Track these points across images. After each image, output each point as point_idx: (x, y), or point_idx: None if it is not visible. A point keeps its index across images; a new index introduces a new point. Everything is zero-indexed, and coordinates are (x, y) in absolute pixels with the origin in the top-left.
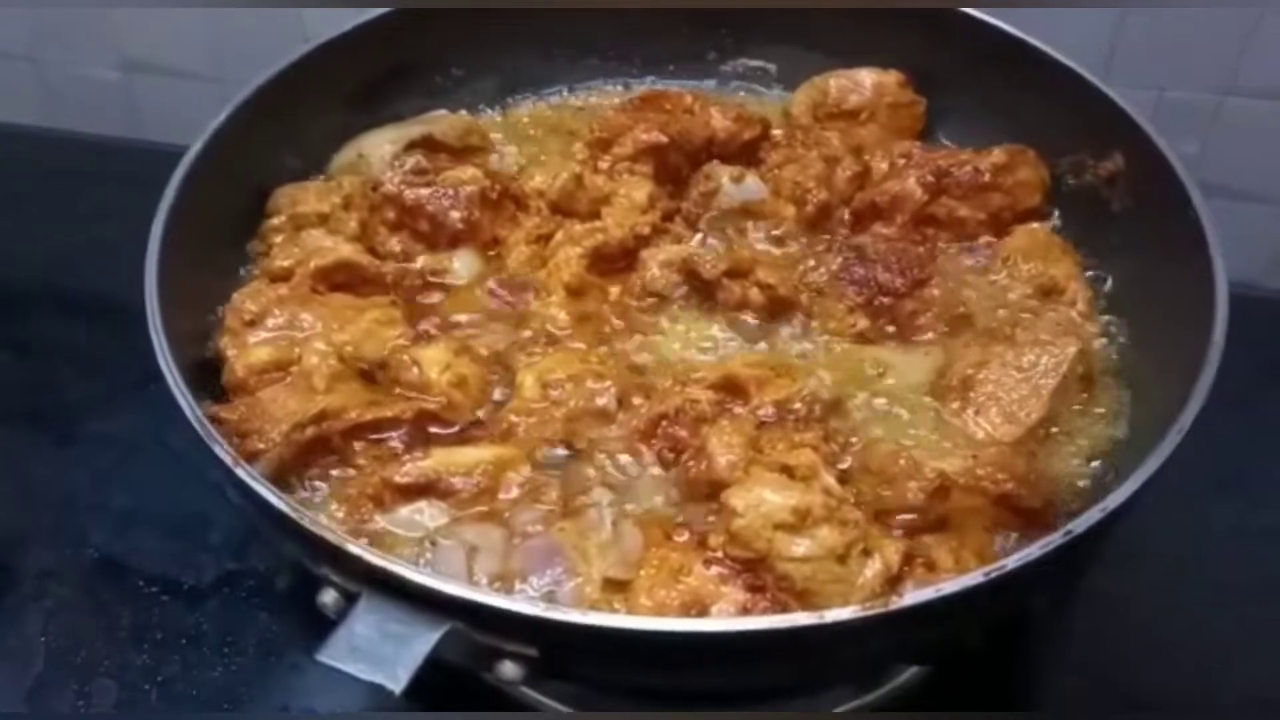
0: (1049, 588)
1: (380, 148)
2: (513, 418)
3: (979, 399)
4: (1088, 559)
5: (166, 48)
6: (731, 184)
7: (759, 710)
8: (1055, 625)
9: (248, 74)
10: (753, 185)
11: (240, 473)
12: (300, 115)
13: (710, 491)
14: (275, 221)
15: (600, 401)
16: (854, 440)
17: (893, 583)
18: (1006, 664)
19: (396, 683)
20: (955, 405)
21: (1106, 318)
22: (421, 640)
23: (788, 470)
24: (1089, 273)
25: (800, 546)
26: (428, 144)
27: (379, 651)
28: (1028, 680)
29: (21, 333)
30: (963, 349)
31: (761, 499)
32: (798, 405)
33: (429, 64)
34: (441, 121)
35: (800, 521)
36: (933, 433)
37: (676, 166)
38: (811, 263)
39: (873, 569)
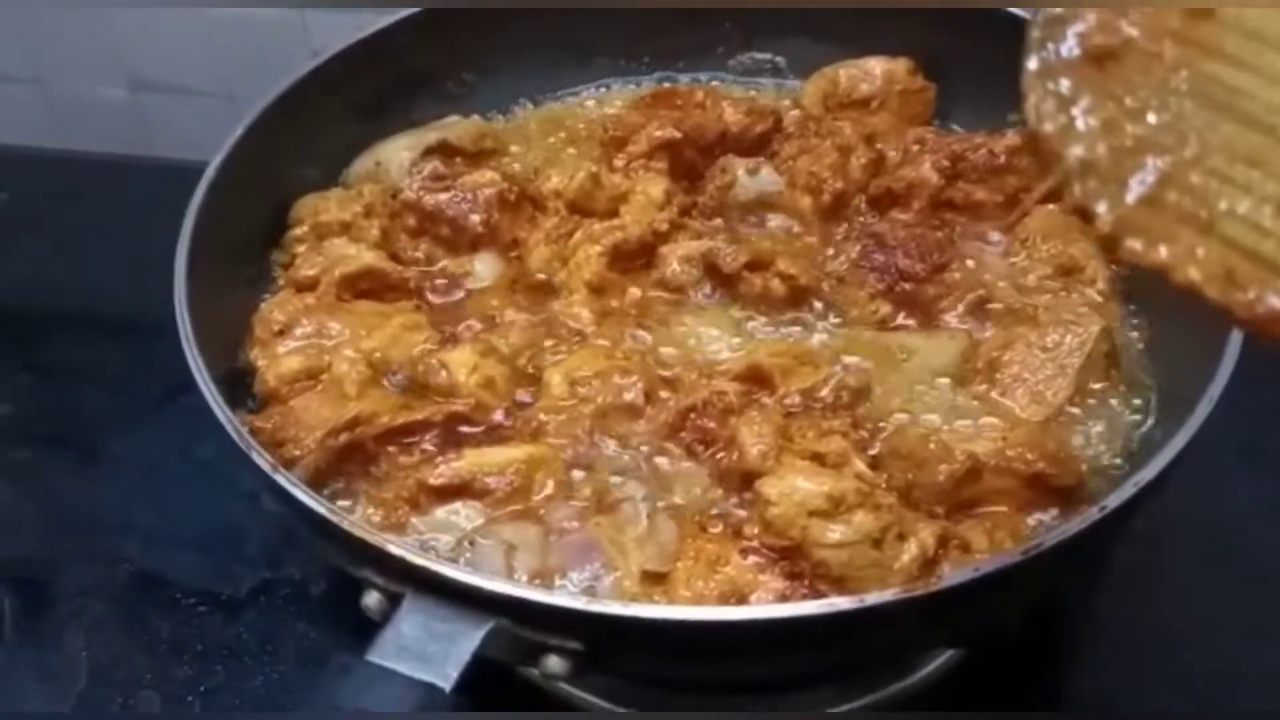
0: (1084, 564)
1: (398, 155)
2: (542, 416)
3: (1005, 381)
4: (1121, 534)
5: (173, 65)
6: (747, 176)
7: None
8: (1085, 601)
9: (256, 88)
10: (768, 177)
11: (280, 479)
12: (316, 126)
13: (743, 482)
14: (298, 232)
15: (628, 397)
16: (883, 426)
17: (930, 565)
18: (1037, 641)
19: (446, 680)
20: (982, 388)
21: (1130, 295)
22: (468, 638)
23: (819, 458)
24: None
25: (835, 533)
26: (444, 149)
27: (427, 650)
28: (1057, 657)
29: (42, 355)
30: (986, 332)
31: (795, 487)
32: (824, 393)
33: (441, 71)
34: (456, 126)
35: (834, 508)
36: (961, 416)
37: (691, 161)
38: (831, 251)
39: (909, 553)
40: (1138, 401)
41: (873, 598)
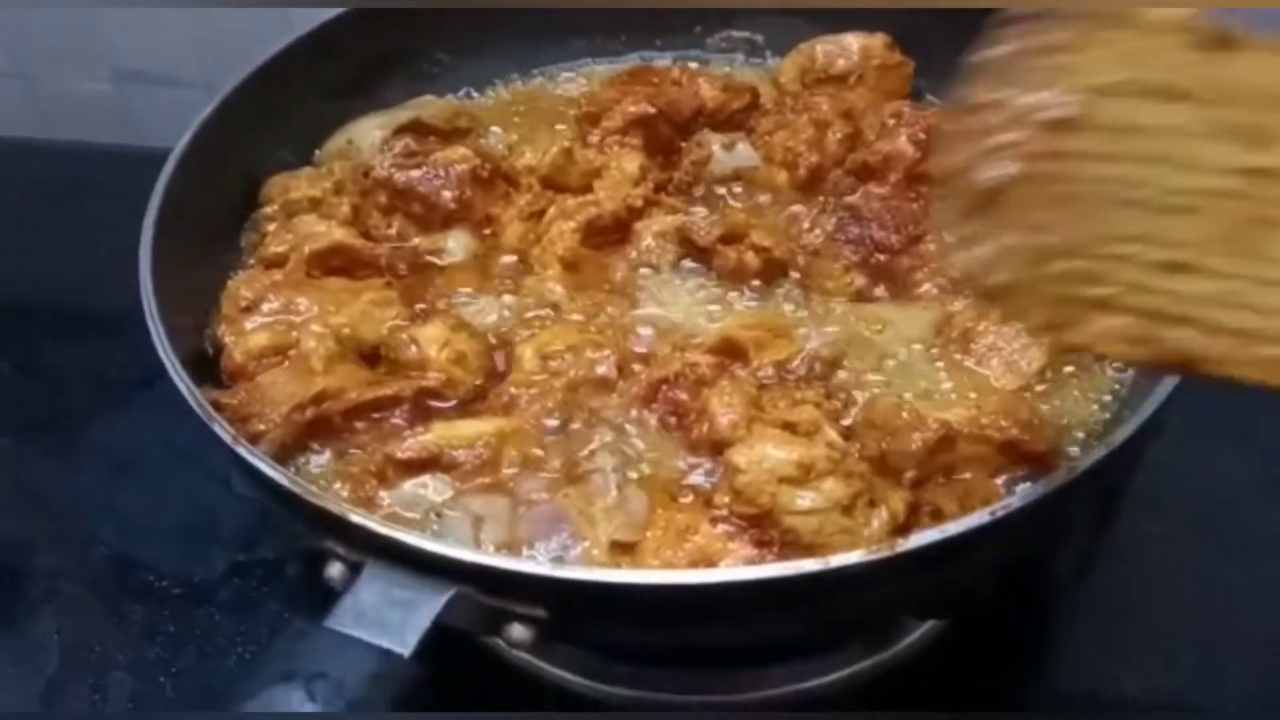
0: (1059, 532)
1: (370, 133)
2: (513, 390)
3: (980, 350)
4: (1105, 505)
5: (157, 57)
6: (723, 152)
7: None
8: (1073, 577)
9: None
10: (744, 152)
11: (241, 450)
12: (288, 107)
13: (714, 452)
14: (268, 210)
15: (600, 370)
16: (856, 396)
17: (900, 532)
18: (1021, 616)
19: (405, 647)
20: (957, 358)
21: None
22: (428, 605)
23: (790, 427)
24: None
25: (805, 499)
26: (417, 128)
27: (386, 618)
28: (1042, 634)
29: (22, 343)
30: (961, 302)
31: (765, 454)
32: (797, 364)
33: (415, 51)
34: (430, 106)
35: (804, 475)
36: (935, 386)
37: (667, 137)
38: (806, 225)
39: (879, 519)
40: (1114, 369)
41: (838, 559)
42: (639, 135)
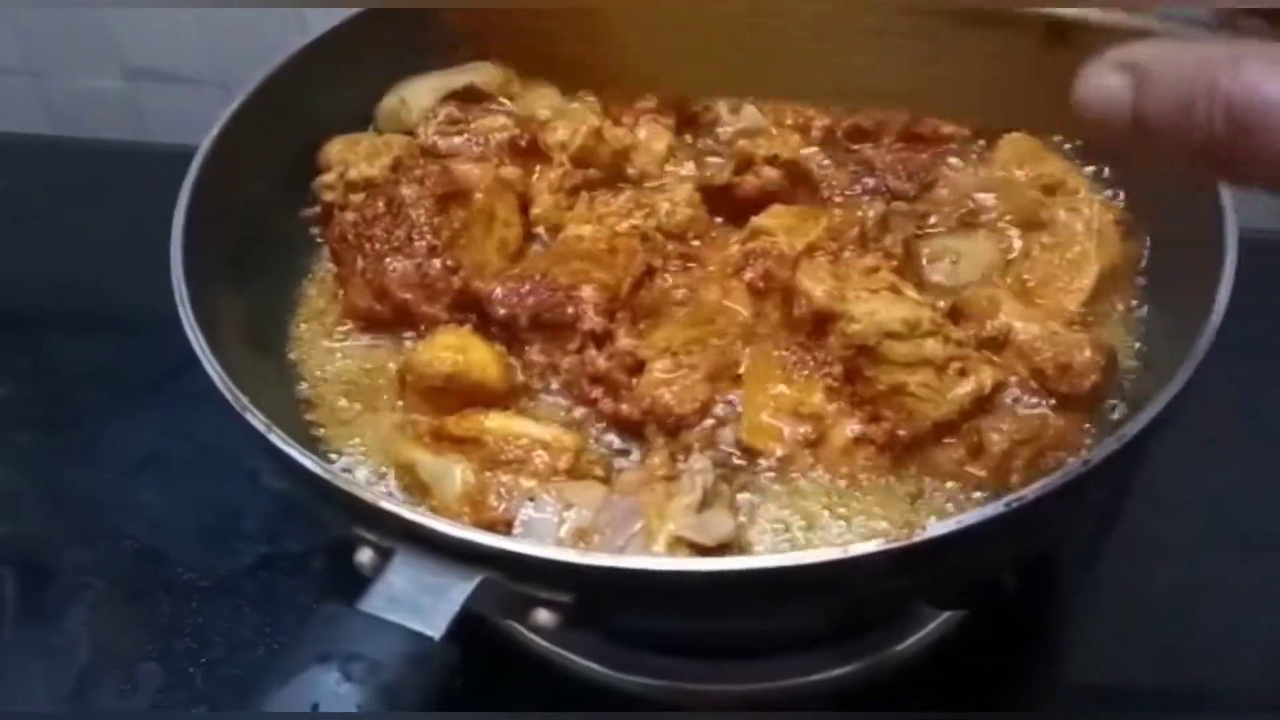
0: (1073, 522)
1: (422, 96)
2: None
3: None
4: (1115, 495)
5: (168, 54)
6: (730, 115)
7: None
8: (1084, 577)
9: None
10: (750, 113)
11: (274, 438)
12: (313, 100)
13: (816, 326)
14: (327, 178)
15: None
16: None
17: (981, 403)
18: (1032, 608)
19: (436, 630)
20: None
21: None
22: (457, 590)
23: (894, 289)
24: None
25: (905, 348)
26: (470, 93)
27: (417, 602)
28: (1052, 626)
29: (40, 342)
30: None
31: (875, 309)
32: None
33: (438, 44)
34: (484, 71)
35: (910, 332)
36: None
37: (695, 115)
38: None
39: (966, 388)
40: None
41: (858, 548)
42: (672, 114)
